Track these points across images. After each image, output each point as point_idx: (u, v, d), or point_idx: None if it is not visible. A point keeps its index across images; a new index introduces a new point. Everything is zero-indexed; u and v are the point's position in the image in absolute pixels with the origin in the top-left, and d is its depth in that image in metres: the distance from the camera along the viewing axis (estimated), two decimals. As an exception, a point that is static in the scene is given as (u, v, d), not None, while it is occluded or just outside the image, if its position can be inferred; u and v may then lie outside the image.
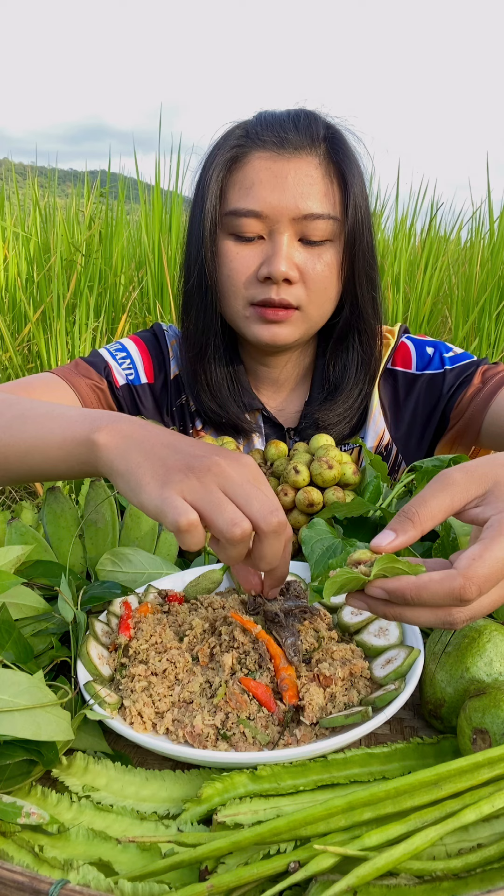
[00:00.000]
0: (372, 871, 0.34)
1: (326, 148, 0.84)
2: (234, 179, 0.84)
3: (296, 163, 0.82)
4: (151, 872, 0.37)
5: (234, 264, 0.84)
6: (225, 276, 0.85)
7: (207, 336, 0.90)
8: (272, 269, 0.81)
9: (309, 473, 0.75)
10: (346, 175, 0.83)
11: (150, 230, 2.95)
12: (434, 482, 0.46)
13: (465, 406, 0.90)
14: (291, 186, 0.81)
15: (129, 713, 0.48)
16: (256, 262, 0.83)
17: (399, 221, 3.36)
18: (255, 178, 0.82)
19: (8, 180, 3.57)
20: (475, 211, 3.39)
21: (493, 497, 0.45)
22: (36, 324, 2.61)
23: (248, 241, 0.84)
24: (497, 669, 0.48)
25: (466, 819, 0.37)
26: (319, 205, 0.82)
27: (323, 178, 0.83)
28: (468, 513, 0.46)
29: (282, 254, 0.81)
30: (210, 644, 0.53)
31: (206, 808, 0.41)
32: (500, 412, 0.86)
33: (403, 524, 0.45)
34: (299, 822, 0.37)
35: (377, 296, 0.91)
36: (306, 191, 0.81)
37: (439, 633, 0.52)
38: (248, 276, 0.84)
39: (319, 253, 0.83)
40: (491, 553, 0.42)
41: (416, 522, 0.45)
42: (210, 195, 0.84)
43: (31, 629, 0.55)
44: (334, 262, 0.85)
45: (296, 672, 0.50)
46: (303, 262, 0.83)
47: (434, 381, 0.94)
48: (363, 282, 0.88)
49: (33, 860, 0.39)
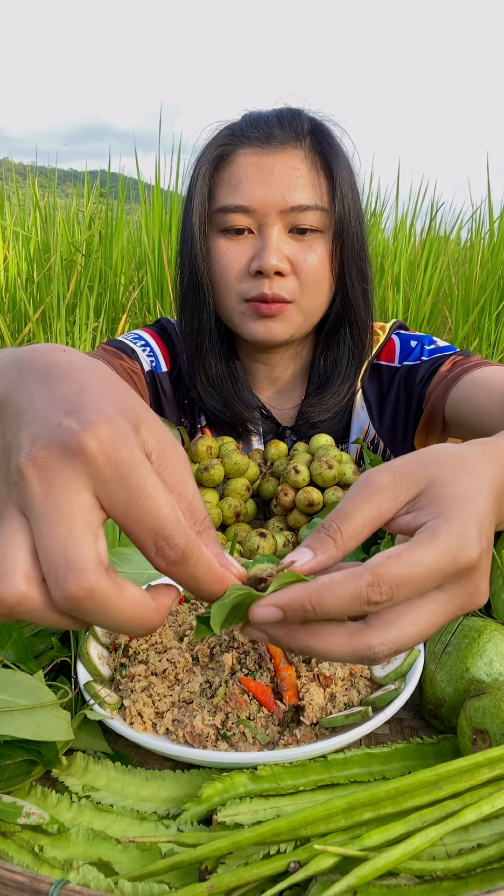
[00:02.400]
0: (372, 871, 0.34)
1: (311, 141, 0.84)
2: (222, 178, 0.85)
3: (281, 157, 0.82)
4: (151, 872, 0.37)
5: (225, 260, 0.84)
6: (217, 273, 0.86)
7: (203, 335, 0.90)
8: (262, 262, 0.81)
9: (309, 473, 0.75)
10: (333, 166, 0.84)
11: (150, 230, 2.95)
12: (357, 488, 0.37)
13: (429, 394, 0.89)
14: (278, 180, 0.81)
15: (129, 713, 0.48)
16: (247, 256, 0.83)
17: (399, 221, 3.36)
18: (242, 174, 0.82)
19: (8, 180, 3.57)
20: (475, 211, 3.39)
21: (426, 500, 0.36)
22: (36, 324, 2.61)
23: (238, 237, 0.84)
24: (497, 669, 0.48)
25: (466, 819, 0.37)
26: (307, 196, 0.82)
27: (309, 169, 0.83)
28: (397, 522, 0.37)
29: (272, 247, 0.81)
30: (210, 644, 0.53)
31: (206, 808, 0.41)
32: (460, 399, 0.83)
33: (323, 543, 0.35)
34: (299, 822, 0.37)
35: (368, 288, 0.91)
36: (293, 183, 0.82)
37: (439, 633, 0.52)
38: (239, 272, 0.84)
39: (310, 244, 0.83)
40: (412, 556, 0.33)
41: (336, 541, 0.35)
42: (198, 194, 0.84)
43: (31, 629, 0.55)
44: (325, 254, 0.85)
45: (296, 672, 0.50)
46: (293, 254, 0.83)
47: (411, 372, 0.94)
48: (353, 273, 0.88)
49: (33, 860, 0.39)
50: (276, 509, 0.78)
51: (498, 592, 0.57)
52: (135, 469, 0.29)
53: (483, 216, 3.34)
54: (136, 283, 3.02)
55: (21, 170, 4.07)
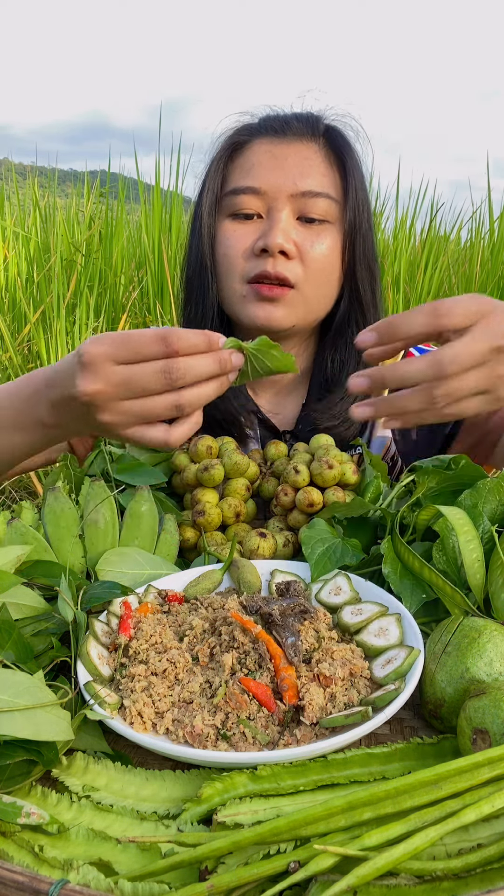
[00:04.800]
0: (372, 871, 0.34)
1: (327, 138, 0.86)
2: (236, 164, 0.86)
3: (296, 147, 0.83)
4: (151, 872, 0.37)
5: (231, 241, 0.84)
6: (222, 254, 0.85)
7: (205, 325, 0.89)
8: (268, 240, 0.81)
9: (309, 473, 0.75)
10: (346, 162, 0.85)
11: (150, 230, 2.95)
12: (425, 305, 0.52)
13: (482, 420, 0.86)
14: (291, 166, 0.82)
15: (129, 713, 0.48)
16: (253, 238, 0.83)
17: (399, 221, 3.36)
18: (256, 160, 0.84)
19: (8, 180, 3.57)
20: (475, 211, 3.39)
21: (477, 328, 0.50)
22: (36, 324, 2.61)
23: (246, 220, 0.84)
24: (497, 669, 0.48)
25: (466, 819, 0.37)
26: (318, 183, 0.83)
27: (323, 161, 0.84)
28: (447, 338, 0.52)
29: (279, 226, 0.81)
30: (210, 644, 0.53)
31: (206, 808, 0.41)
32: None
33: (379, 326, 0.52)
34: (299, 822, 0.37)
35: (377, 289, 0.91)
36: (306, 170, 0.82)
37: (439, 633, 0.52)
38: (244, 251, 0.84)
39: (318, 232, 0.83)
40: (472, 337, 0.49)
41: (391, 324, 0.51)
42: (211, 179, 0.85)
43: (31, 629, 0.55)
44: (334, 246, 0.85)
45: (296, 672, 0.50)
46: (301, 240, 0.83)
47: None
48: (363, 272, 0.88)
49: (33, 860, 0.39)
50: (276, 509, 0.78)
51: (498, 592, 0.57)
52: None
53: (483, 216, 3.35)
54: (136, 283, 3.02)
55: (21, 170, 4.07)
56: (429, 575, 0.59)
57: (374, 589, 0.61)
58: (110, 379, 0.52)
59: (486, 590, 0.59)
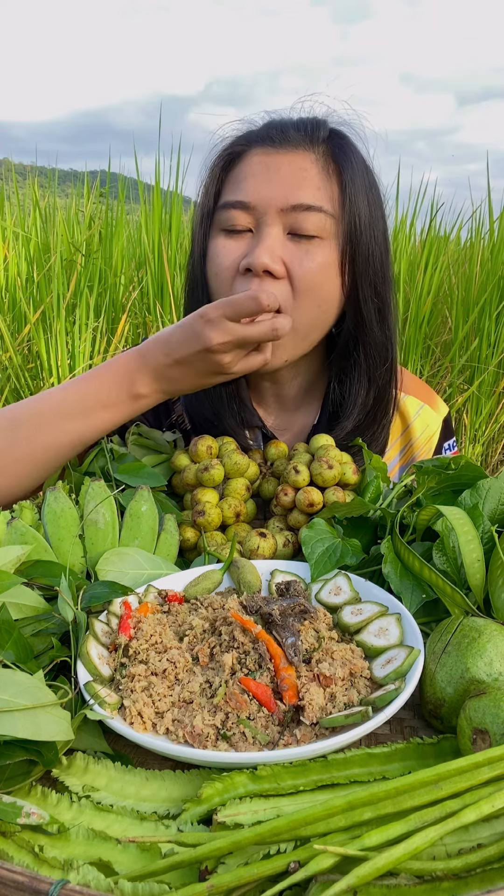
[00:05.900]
0: (372, 871, 0.34)
1: (327, 147, 0.80)
2: (230, 176, 0.82)
3: (291, 157, 0.78)
4: (151, 872, 0.37)
5: (219, 259, 0.80)
6: (213, 272, 0.81)
7: None
8: (252, 259, 0.75)
9: (309, 473, 0.75)
10: (345, 174, 0.79)
11: (150, 230, 2.95)
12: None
13: None
14: (283, 178, 0.77)
15: (129, 713, 0.48)
16: (241, 255, 0.78)
17: (399, 221, 3.36)
18: (249, 171, 0.79)
19: (8, 180, 3.57)
20: (475, 211, 3.39)
21: None
22: (36, 324, 2.61)
23: (236, 236, 0.79)
24: (497, 669, 0.48)
25: (466, 819, 0.37)
26: (311, 196, 0.77)
27: (319, 172, 0.78)
28: None
29: (264, 244, 0.76)
30: (210, 644, 0.53)
31: (206, 808, 0.41)
32: None
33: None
34: (299, 822, 0.37)
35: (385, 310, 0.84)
36: (298, 182, 0.77)
37: (439, 633, 0.52)
38: (231, 270, 0.79)
39: (308, 249, 0.77)
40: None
41: None
42: (205, 192, 0.82)
43: (31, 629, 0.55)
44: (328, 263, 0.78)
45: (296, 672, 0.50)
46: (289, 257, 0.77)
47: None
48: (367, 291, 0.81)
49: (33, 860, 0.39)
50: (276, 509, 0.78)
51: (498, 592, 0.57)
52: None
53: (483, 216, 3.35)
54: (136, 283, 3.02)
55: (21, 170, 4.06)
56: (429, 575, 0.59)
57: (374, 589, 0.61)
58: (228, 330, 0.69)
59: (486, 590, 0.59)
